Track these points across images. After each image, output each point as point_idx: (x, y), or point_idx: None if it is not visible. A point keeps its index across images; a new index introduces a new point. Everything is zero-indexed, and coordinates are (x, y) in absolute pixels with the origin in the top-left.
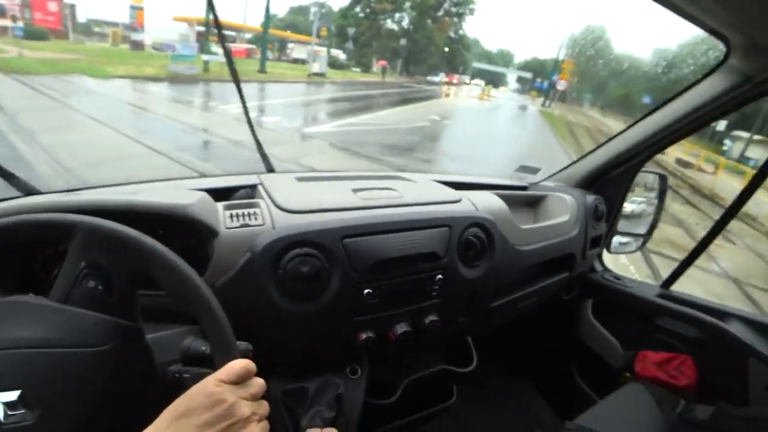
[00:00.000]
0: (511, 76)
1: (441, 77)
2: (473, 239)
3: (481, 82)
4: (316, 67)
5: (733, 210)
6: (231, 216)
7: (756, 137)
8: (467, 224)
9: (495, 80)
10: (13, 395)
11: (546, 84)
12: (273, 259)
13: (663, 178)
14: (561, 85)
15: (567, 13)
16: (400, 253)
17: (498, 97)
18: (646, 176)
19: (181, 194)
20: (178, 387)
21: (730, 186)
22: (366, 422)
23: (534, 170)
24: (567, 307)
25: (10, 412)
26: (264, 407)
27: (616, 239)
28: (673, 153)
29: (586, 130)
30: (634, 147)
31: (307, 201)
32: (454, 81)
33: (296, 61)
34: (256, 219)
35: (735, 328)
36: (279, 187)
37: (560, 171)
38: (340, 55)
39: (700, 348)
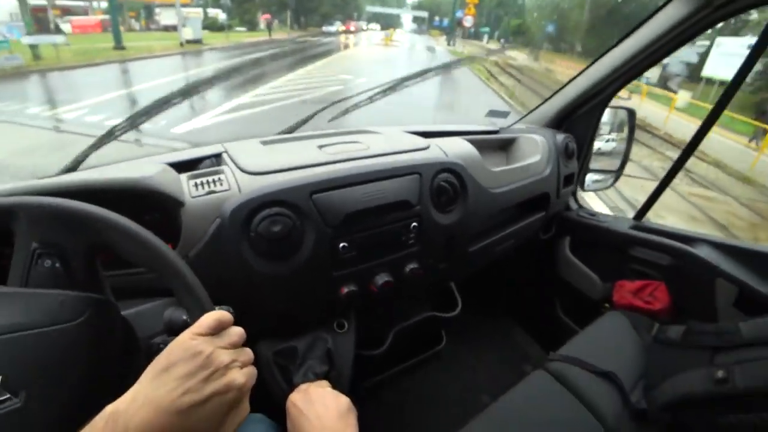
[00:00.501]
0: (406, 17)
1: (337, 26)
2: (445, 185)
3: (377, 27)
4: (188, 33)
5: (693, 145)
6: (196, 185)
7: None
8: (437, 170)
9: (391, 23)
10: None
11: (446, 22)
12: (243, 222)
13: (631, 113)
14: (468, 22)
15: None
16: (371, 203)
17: (401, 40)
18: (615, 112)
19: (142, 168)
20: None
21: (652, 111)
22: (359, 373)
23: (504, 114)
24: (546, 246)
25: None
26: (246, 354)
27: (590, 177)
28: None
29: (498, 66)
30: (600, 82)
31: (272, 162)
32: (352, 29)
33: (167, 28)
34: (221, 185)
35: (704, 252)
36: (242, 153)
37: (530, 112)
38: (220, 14)
39: (673, 273)
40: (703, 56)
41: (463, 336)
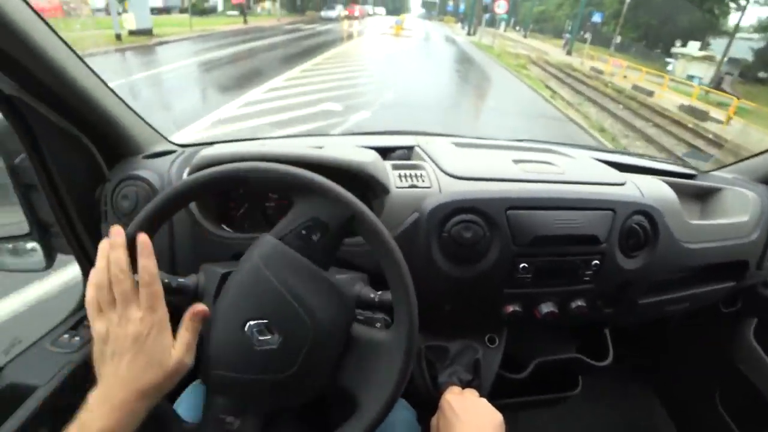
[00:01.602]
0: (413, 1)
1: (339, 11)
2: (636, 227)
3: (383, 11)
4: (129, 22)
5: None
6: (400, 176)
7: (696, 54)
8: (632, 211)
9: (399, 7)
10: (263, 322)
11: (462, 6)
12: (439, 221)
13: None
14: (501, 7)
15: None
16: (561, 231)
17: (412, 29)
18: None
19: (357, 152)
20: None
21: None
22: (492, 392)
23: (705, 156)
24: (724, 321)
25: (260, 338)
26: (123, 284)
27: None
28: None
29: (534, 63)
30: None
31: (471, 168)
32: (356, 14)
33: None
34: (423, 181)
35: None
36: (439, 152)
37: (739, 161)
38: None
39: None
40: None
41: (599, 389)
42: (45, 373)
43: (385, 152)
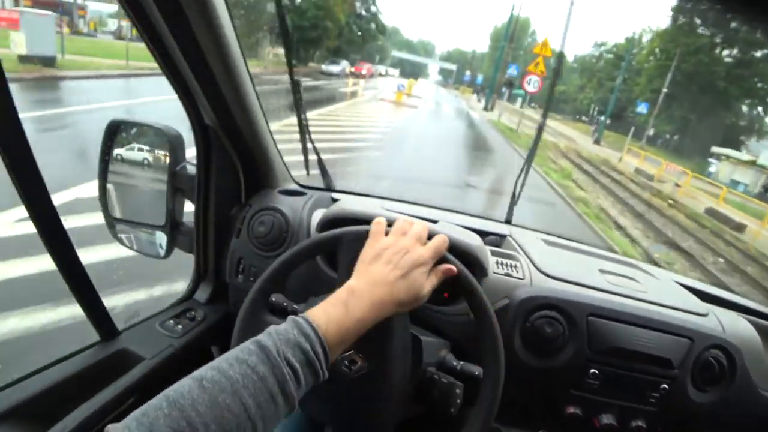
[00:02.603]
0: (433, 67)
1: (344, 66)
2: (712, 361)
3: (396, 72)
4: (19, 44)
5: None
6: (497, 263)
7: (744, 158)
8: (710, 344)
9: (417, 71)
10: (353, 354)
11: (479, 78)
12: (526, 311)
13: None
14: (533, 86)
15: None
16: (637, 348)
17: (422, 96)
18: None
19: (466, 234)
20: (431, 383)
21: None
22: None
23: None
24: None
25: (351, 367)
26: (422, 236)
27: None
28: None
29: (565, 156)
30: None
31: (561, 269)
32: (363, 72)
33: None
34: (517, 272)
35: None
36: (530, 246)
37: None
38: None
39: None
40: None
41: None
42: (151, 349)
43: (479, 233)
